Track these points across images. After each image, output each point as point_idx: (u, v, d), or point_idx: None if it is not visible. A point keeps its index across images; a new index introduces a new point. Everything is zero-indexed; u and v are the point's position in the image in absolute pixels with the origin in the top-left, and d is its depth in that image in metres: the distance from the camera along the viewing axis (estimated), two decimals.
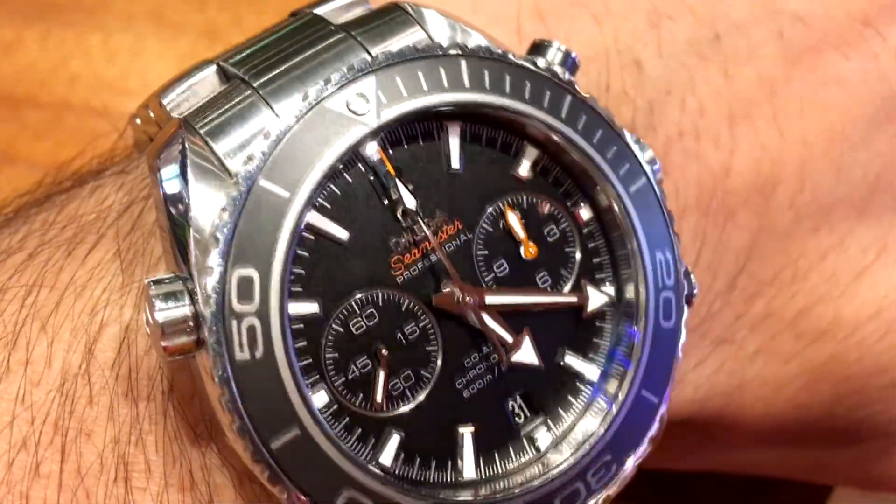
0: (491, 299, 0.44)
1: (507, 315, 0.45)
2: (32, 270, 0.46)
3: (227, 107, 0.42)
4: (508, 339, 0.45)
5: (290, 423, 0.40)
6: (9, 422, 0.43)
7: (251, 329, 0.39)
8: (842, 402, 0.59)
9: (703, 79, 0.54)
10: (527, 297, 0.45)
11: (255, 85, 0.43)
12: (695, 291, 0.49)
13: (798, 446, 0.63)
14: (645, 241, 0.46)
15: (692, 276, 0.49)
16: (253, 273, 0.40)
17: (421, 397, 0.43)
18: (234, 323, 0.39)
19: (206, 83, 0.45)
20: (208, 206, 0.41)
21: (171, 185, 0.41)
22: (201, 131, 0.42)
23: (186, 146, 0.41)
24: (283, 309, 0.40)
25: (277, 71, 0.43)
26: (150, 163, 0.43)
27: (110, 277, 0.46)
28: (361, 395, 0.43)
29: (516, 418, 0.45)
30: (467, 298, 0.44)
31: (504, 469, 0.44)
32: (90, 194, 0.49)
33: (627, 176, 0.46)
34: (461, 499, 0.43)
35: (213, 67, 0.45)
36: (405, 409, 0.43)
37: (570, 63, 0.47)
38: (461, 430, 0.44)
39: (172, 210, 0.41)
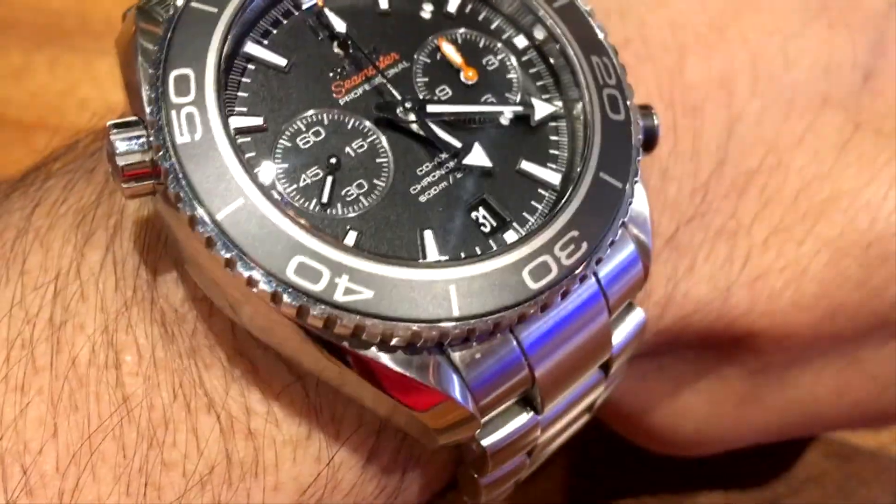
0: (433, 107, 0.46)
1: (455, 129, 0.46)
2: (31, 202, 0.49)
3: None
4: (457, 143, 0.46)
5: (235, 195, 0.41)
6: (6, 321, 0.45)
7: (189, 115, 0.41)
8: (873, 277, 0.57)
9: (637, 3, 0.58)
10: (470, 106, 0.47)
11: None
12: (657, 130, 0.49)
13: (846, 349, 0.60)
14: (578, 45, 0.48)
15: (655, 116, 0.50)
16: (188, 71, 0.42)
17: (376, 201, 0.44)
18: (174, 112, 0.41)
19: None
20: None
21: (125, 50, 0.45)
22: (150, 4, 0.46)
23: (139, 24, 0.46)
24: (219, 99, 0.42)
25: None
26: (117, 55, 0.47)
27: (96, 195, 0.49)
28: (315, 199, 0.43)
29: (482, 228, 0.45)
30: (408, 103, 0.45)
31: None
32: (87, 146, 0.53)
33: None
34: (429, 259, 0.42)
35: None
36: (361, 212, 0.44)
37: None
38: (423, 231, 0.44)
39: (125, 67, 0.45)
